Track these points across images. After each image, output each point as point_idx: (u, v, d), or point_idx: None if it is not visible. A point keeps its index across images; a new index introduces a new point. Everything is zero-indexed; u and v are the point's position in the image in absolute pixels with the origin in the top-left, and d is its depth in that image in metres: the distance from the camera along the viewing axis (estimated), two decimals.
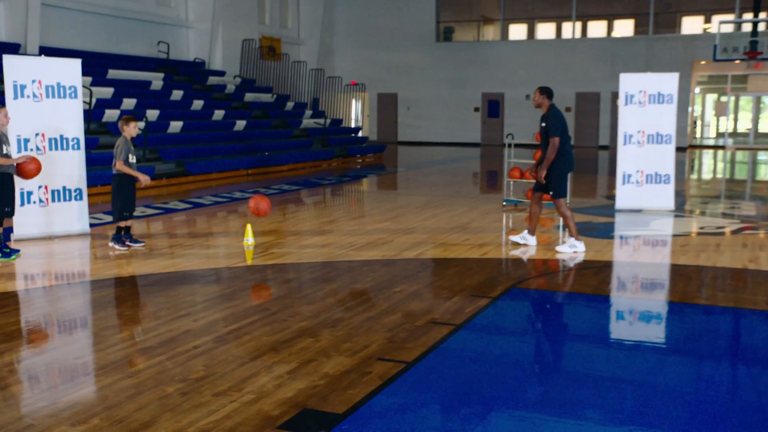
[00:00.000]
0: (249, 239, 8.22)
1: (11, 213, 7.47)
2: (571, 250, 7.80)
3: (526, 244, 8.07)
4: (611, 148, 27.14)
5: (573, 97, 28.69)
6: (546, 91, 7.78)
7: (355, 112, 31.30)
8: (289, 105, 22.91)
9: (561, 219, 9.76)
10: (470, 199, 12.48)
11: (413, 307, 5.70)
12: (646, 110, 10.85)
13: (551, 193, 7.77)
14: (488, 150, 27.63)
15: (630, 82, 10.92)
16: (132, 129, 7.72)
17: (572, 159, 7.87)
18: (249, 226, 8.30)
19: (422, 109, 31.23)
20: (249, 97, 21.36)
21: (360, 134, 26.34)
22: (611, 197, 12.60)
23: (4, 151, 7.25)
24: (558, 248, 7.89)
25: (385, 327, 5.15)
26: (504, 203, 11.43)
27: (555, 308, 5.99)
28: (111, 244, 7.88)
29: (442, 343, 4.81)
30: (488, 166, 21.71)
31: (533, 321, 5.61)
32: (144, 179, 7.73)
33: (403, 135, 31.90)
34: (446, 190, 14.00)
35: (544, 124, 7.75)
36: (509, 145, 11.86)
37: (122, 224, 7.82)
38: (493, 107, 30.30)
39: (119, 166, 7.64)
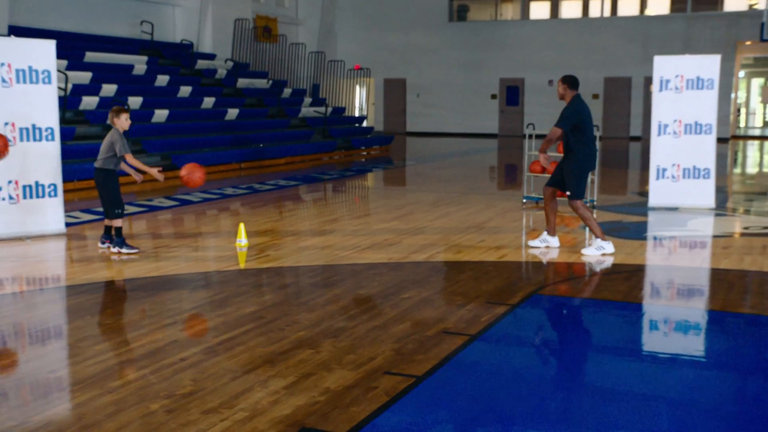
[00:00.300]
0: (242, 240, 8.23)
1: None
2: (599, 252, 7.80)
3: (548, 246, 8.05)
4: (644, 140, 27.08)
5: (601, 82, 28.64)
6: (570, 81, 7.79)
7: (360, 100, 31.31)
8: (287, 92, 22.94)
9: None
10: (487, 196, 12.46)
11: (423, 315, 5.70)
12: (683, 97, 10.82)
13: (568, 192, 7.78)
14: (506, 141, 27.59)
15: (665, 66, 10.88)
16: (124, 121, 7.76)
17: (595, 157, 7.89)
18: (242, 226, 8.31)
19: (433, 97, 31.22)
20: (242, 83, 21.39)
21: (365, 124, 26.34)
22: (644, 194, 12.56)
23: None
24: (584, 251, 7.88)
25: (392, 337, 5.15)
26: (524, 200, 11.41)
27: (581, 317, 5.97)
28: (113, 248, 7.86)
29: (456, 356, 4.80)
30: (506, 160, 21.66)
31: (556, 331, 5.59)
32: (156, 173, 7.92)
33: (412, 125, 31.90)
34: (460, 185, 13.98)
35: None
36: (530, 136, 11.83)
37: (116, 224, 7.83)
38: (512, 94, 30.26)
39: (131, 159, 7.73)
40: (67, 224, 9.15)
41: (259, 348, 4.94)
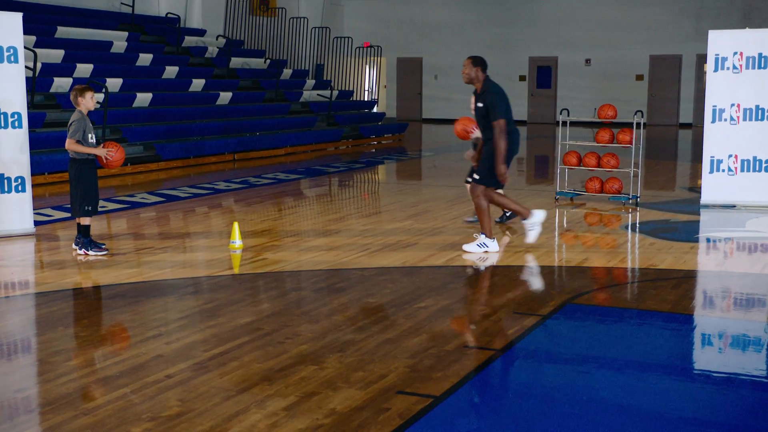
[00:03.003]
0: (236, 241, 8.25)
1: None
2: (481, 249, 7.92)
3: (487, 251, 8.02)
4: (695, 127, 26.95)
5: (646, 61, 28.53)
6: (482, 62, 7.82)
7: (370, 83, 31.29)
8: (286, 73, 22.97)
9: (618, 217, 9.71)
10: (514, 192, 12.44)
11: (441, 327, 5.69)
12: (742, 77, 10.76)
13: (475, 175, 7.84)
14: (537, 129, 27.53)
15: (722, 42, 10.83)
16: (89, 101, 7.78)
17: (517, 143, 8.04)
18: (236, 226, 8.34)
19: (453, 79, 31.13)
20: (235, 62, 21.44)
21: (375, 110, 26.34)
22: (695, 189, 12.50)
23: None
24: (465, 247, 8.01)
25: (406, 352, 5.15)
26: (557, 196, 11.40)
27: (622, 330, 5.95)
28: (79, 249, 7.90)
29: (478, 374, 4.79)
30: (537, 150, 21.60)
31: (594, 346, 5.57)
32: (104, 153, 7.75)
33: (429, 111, 31.87)
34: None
35: (480, 104, 7.81)
36: (564, 123, 11.81)
37: (84, 221, 7.87)
38: (543, 75, 30.19)
39: (70, 145, 7.68)
40: (37, 223, 9.20)
41: (256, 364, 4.95)
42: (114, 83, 16.23)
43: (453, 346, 5.27)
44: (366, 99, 28.43)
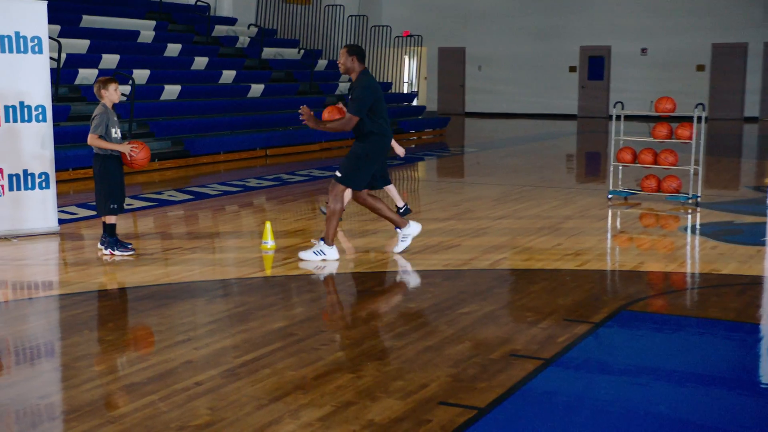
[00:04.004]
0: (268, 241, 8.29)
1: None
2: (318, 257, 7.79)
3: (325, 259, 7.84)
4: (762, 121, 26.56)
5: (708, 50, 28.17)
6: (358, 52, 7.78)
7: (409, 74, 31.29)
8: (321, 64, 23.05)
9: (673, 220, 9.61)
10: (563, 191, 12.36)
11: (486, 334, 5.68)
12: None
13: (338, 173, 7.77)
14: (588, 124, 27.32)
15: None
16: (113, 93, 7.87)
17: (389, 143, 7.95)
18: (268, 225, 8.38)
19: (499, 70, 31.08)
20: (268, 53, 21.57)
21: (415, 103, 26.32)
22: (762, 188, 12.34)
23: None
24: (301, 254, 7.87)
25: (448, 360, 5.14)
26: (609, 196, 11.31)
27: (681, 339, 5.89)
28: (105, 249, 8.01)
29: (526, 384, 4.77)
30: (588, 146, 21.45)
31: (651, 356, 5.52)
32: (127, 150, 7.81)
33: (472, 104, 31.79)
34: (530, 177, 13.90)
35: (351, 96, 7.77)
36: (617, 118, 11.71)
37: (109, 220, 7.96)
38: (595, 66, 29.96)
39: (92, 140, 7.77)
40: (61, 221, 9.32)
41: (289, 371, 4.97)
42: (141, 75, 16.42)
43: (498, 354, 5.25)
44: (405, 91, 28.42)
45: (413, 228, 8.09)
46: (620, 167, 11.62)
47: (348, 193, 8.13)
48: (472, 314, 6.13)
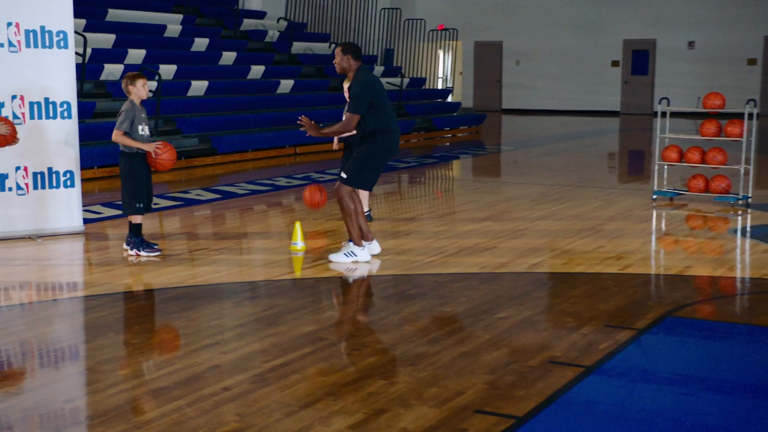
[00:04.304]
0: (298, 242, 8.32)
1: None
2: (349, 259, 7.78)
3: (356, 261, 7.86)
4: None
5: (760, 43, 27.86)
6: (353, 50, 7.74)
7: (444, 69, 31.27)
8: None
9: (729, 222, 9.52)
10: (605, 191, 12.29)
11: (524, 340, 5.66)
12: None
13: (343, 174, 7.75)
14: (631, 121, 27.14)
15: None
16: (140, 89, 7.94)
17: (397, 142, 7.86)
18: (298, 226, 8.41)
19: (537, 65, 30.95)
20: (298, 47, 21.65)
21: (450, 99, 26.29)
22: None
23: None
24: (331, 256, 7.88)
25: (485, 367, 5.13)
26: (654, 196, 11.23)
27: (731, 348, 5.84)
28: (130, 249, 8.08)
29: (566, 393, 4.75)
30: (631, 144, 21.29)
31: (698, 365, 5.47)
32: (151, 148, 7.86)
33: (509, 100, 31.68)
34: (570, 177, 13.84)
35: (349, 95, 7.75)
36: (663, 114, 11.62)
37: (134, 220, 8.03)
38: (639, 61, 29.73)
39: (117, 137, 7.85)
40: (86, 221, 9.41)
41: (320, 377, 4.98)
42: (167, 70, 16.54)
43: (537, 361, 5.23)
44: (440, 87, 28.43)
45: (366, 253, 7.90)
46: (665, 166, 11.54)
47: (363, 192, 8.14)
48: (510, 319, 6.11)
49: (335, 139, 9.64)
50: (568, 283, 7.19)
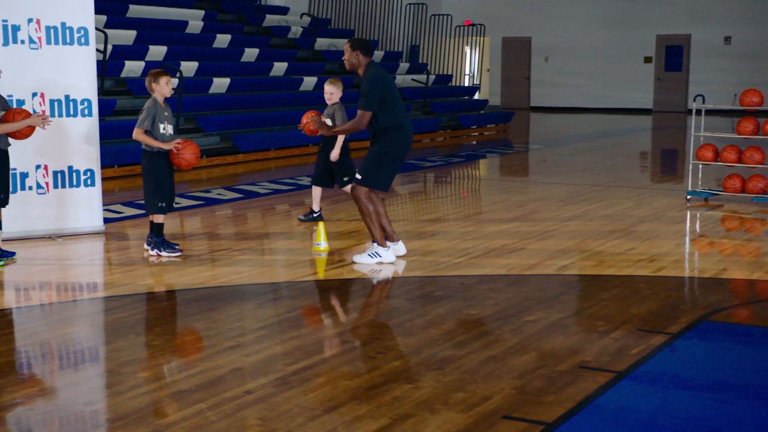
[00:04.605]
0: (321, 243, 8.34)
1: (3, 202, 7.86)
2: (373, 260, 7.76)
3: (381, 262, 7.83)
4: None
5: None
6: (362, 46, 7.72)
7: (471, 66, 31.24)
8: (377, 55, 23.10)
9: None
10: (637, 191, 12.24)
11: (553, 344, 5.64)
12: None
13: (358, 175, 7.71)
14: (665, 119, 26.98)
15: None
16: (164, 87, 7.98)
17: (409, 141, 7.83)
18: (321, 226, 8.43)
19: (567, 61, 30.84)
20: (321, 43, 21.69)
21: (477, 97, 26.26)
22: None
23: None
24: (355, 257, 7.87)
25: (513, 372, 5.12)
26: (688, 197, 11.16)
27: None
28: (151, 250, 8.13)
29: (597, 399, 4.73)
30: (665, 143, 21.18)
31: (735, 371, 5.43)
32: (171, 147, 7.90)
33: (538, 98, 31.60)
34: (601, 176, 13.78)
35: (360, 92, 7.73)
36: (698, 112, 11.55)
37: (157, 219, 8.08)
38: (673, 56, 29.56)
39: (137, 135, 7.91)
40: (106, 220, 9.48)
41: (344, 380, 4.99)
42: (189, 67, 16.62)
43: (567, 366, 5.22)
44: (466, 85, 28.39)
45: (391, 253, 7.90)
46: (700, 166, 11.47)
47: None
48: (538, 322, 6.10)
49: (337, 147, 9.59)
50: (598, 286, 7.16)
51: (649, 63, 29.85)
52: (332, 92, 9.64)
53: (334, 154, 9.49)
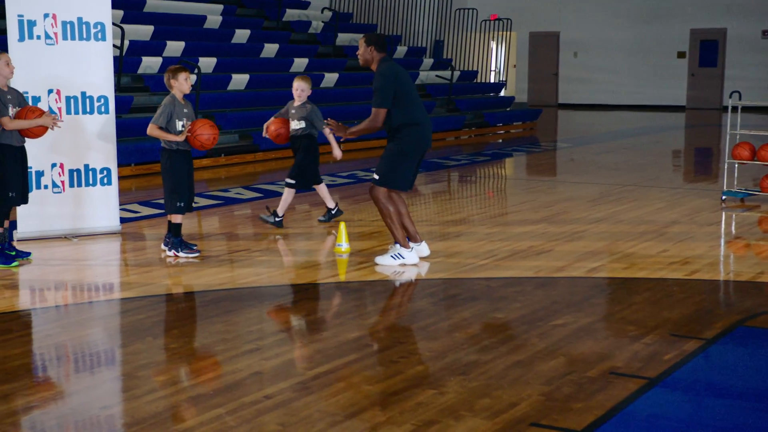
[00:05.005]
0: (342, 244, 8.35)
1: (18, 200, 7.92)
2: (396, 261, 7.75)
3: (404, 263, 7.81)
4: None
5: None
6: (376, 41, 7.69)
7: (497, 62, 31.16)
8: (401, 50, 23.12)
9: None
10: (670, 191, 12.18)
11: (582, 349, 5.63)
12: None
13: (375, 175, 7.72)
14: (699, 116, 26.83)
15: None
16: (183, 83, 8.02)
17: (426, 137, 7.78)
18: (342, 226, 8.44)
19: (597, 57, 30.73)
20: (343, 39, 21.72)
21: (503, 93, 26.21)
22: None
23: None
24: (377, 259, 7.86)
25: (540, 377, 5.11)
26: (723, 197, 11.10)
27: None
28: (168, 250, 8.18)
29: (628, 406, 4.71)
30: (699, 141, 21.06)
31: None
32: (182, 138, 7.94)
33: (566, 95, 31.51)
34: (632, 176, 13.73)
35: (372, 89, 7.71)
36: (734, 109, 11.48)
37: (175, 219, 8.11)
38: (708, 51, 29.40)
39: (151, 130, 7.95)
40: (123, 220, 9.54)
41: (366, 385, 5.00)
42: (207, 63, 16.69)
43: (596, 372, 5.20)
44: (492, 81, 28.34)
45: (415, 255, 7.90)
46: (736, 165, 11.40)
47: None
48: (567, 327, 6.08)
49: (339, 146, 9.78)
50: (629, 289, 7.13)
51: (682, 58, 29.68)
52: (303, 89, 9.81)
53: (338, 153, 9.82)
